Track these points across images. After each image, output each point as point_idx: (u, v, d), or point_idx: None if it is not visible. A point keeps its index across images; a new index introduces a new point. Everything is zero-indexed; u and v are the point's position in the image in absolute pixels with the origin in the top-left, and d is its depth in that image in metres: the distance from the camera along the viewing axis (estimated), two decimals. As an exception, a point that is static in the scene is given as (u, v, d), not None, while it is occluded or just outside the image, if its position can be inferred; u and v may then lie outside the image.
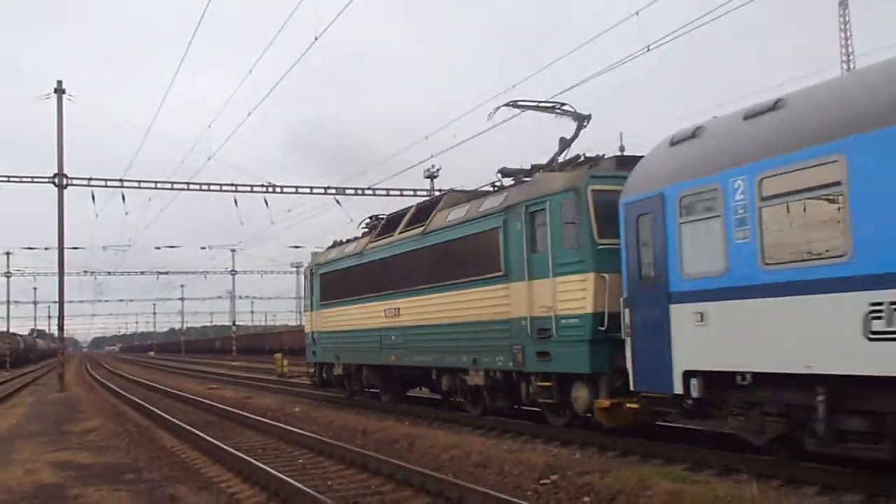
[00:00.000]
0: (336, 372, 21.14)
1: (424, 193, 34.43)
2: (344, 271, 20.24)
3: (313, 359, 22.80)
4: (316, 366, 22.77)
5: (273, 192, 33.33)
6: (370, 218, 20.71)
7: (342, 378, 20.95)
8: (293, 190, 33.80)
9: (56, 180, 31.15)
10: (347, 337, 19.94)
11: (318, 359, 22.40)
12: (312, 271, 22.74)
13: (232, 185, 32.93)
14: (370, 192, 34.15)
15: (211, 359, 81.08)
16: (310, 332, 22.91)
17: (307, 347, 23.43)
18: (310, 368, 23.79)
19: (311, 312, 22.73)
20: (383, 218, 19.49)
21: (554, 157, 13.97)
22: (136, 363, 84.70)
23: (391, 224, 18.20)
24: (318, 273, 22.19)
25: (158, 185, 33.05)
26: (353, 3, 19.40)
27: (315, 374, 22.96)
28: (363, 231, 20.62)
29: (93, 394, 30.74)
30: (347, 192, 34.23)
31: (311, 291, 22.67)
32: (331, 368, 21.55)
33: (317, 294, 22.19)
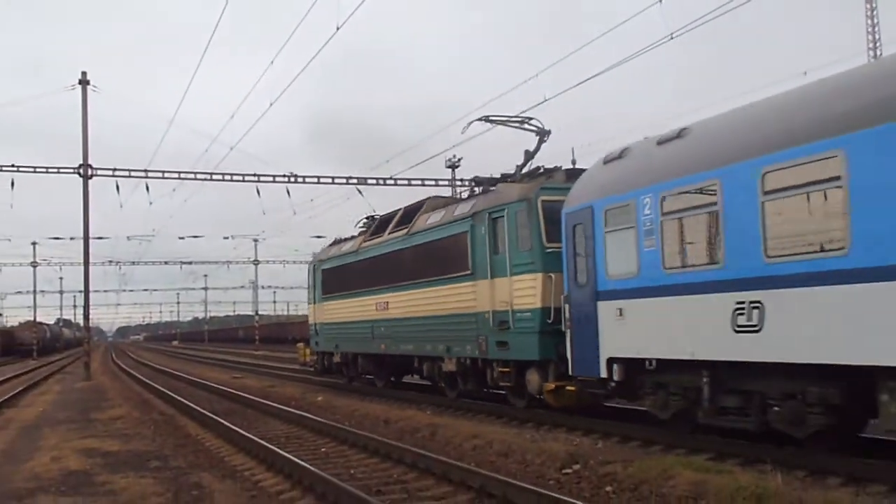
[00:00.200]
0: (335, 360, 23.03)
1: (446, 183, 34.65)
2: (342, 268, 22.07)
3: (316, 348, 24.73)
4: (318, 354, 24.69)
5: (295, 182, 33.08)
6: (366, 218, 22.50)
7: (341, 365, 22.82)
8: (315, 180, 33.60)
9: (81, 171, 31.23)
10: (345, 328, 21.78)
11: (319, 348, 24.31)
12: (315, 267, 24.61)
13: (254, 175, 32.93)
14: (392, 181, 33.96)
15: (234, 348, 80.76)
16: (313, 323, 24.84)
17: (311, 338, 25.36)
18: (313, 356, 25.72)
19: (314, 305, 24.63)
20: (377, 218, 21.27)
21: (519, 168, 15.65)
22: (161, 352, 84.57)
23: (382, 225, 19.98)
24: (319, 269, 24.05)
25: (182, 176, 32.93)
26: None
27: (317, 361, 24.89)
28: (360, 230, 22.41)
29: (118, 382, 30.93)
30: (369, 181, 33.92)
31: (314, 286, 24.57)
32: (331, 357, 23.43)
33: (318, 288, 24.06)
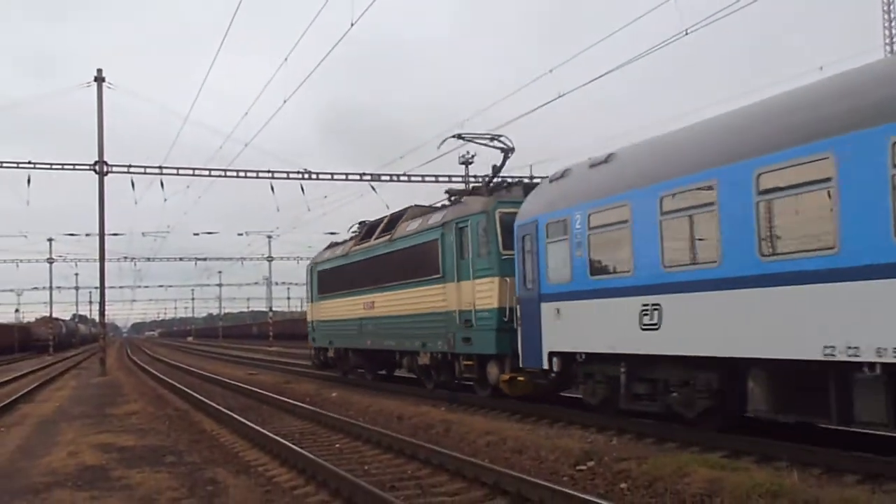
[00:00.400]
0: (330, 354, 24.82)
1: (459, 180, 34.68)
2: (335, 269, 23.82)
3: (313, 343, 26.53)
4: (315, 350, 26.48)
5: (309, 179, 33.06)
6: (358, 223, 24.22)
7: (335, 360, 24.60)
8: (329, 176, 33.54)
9: (97, 167, 31.43)
10: (337, 325, 23.54)
11: (316, 344, 26.12)
12: (312, 268, 26.40)
13: (268, 171, 32.87)
14: (405, 178, 33.69)
15: (248, 344, 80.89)
16: (310, 320, 26.65)
17: (309, 334, 27.15)
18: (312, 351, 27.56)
19: (311, 304, 26.45)
20: (367, 224, 22.99)
21: (488, 182, 17.34)
22: (175, 348, 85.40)
23: (370, 230, 21.70)
24: (315, 270, 25.84)
25: (196, 173, 32.85)
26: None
27: (315, 356, 26.68)
28: (352, 234, 24.14)
29: (133, 378, 31.16)
30: (383, 178, 33.78)
31: (311, 285, 26.35)
32: (326, 352, 25.22)
33: (315, 288, 25.85)
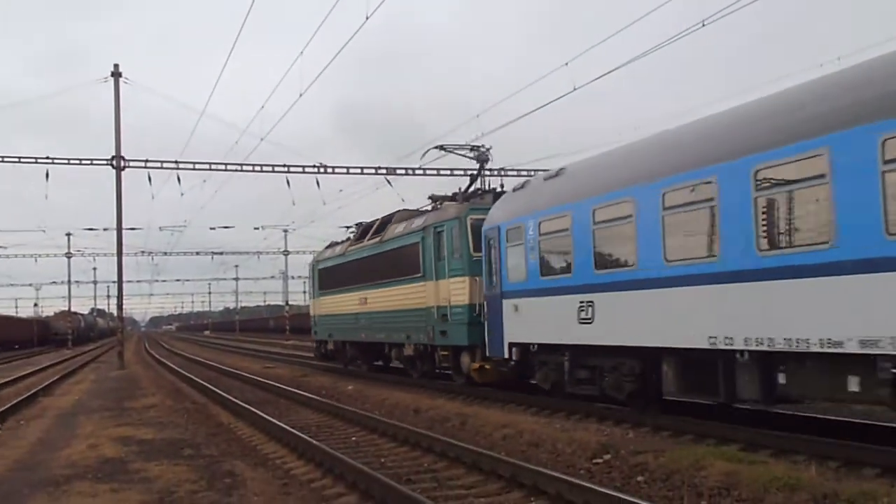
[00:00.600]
0: (330, 347, 26.64)
1: (475, 173, 35.76)
2: (334, 267, 25.59)
3: (315, 337, 28.38)
4: (317, 342, 28.32)
5: (324, 173, 33.08)
6: (356, 225, 25.98)
7: (334, 352, 26.40)
8: (344, 170, 33.54)
9: (114, 162, 31.63)
10: (336, 319, 25.32)
11: (318, 337, 27.95)
12: (314, 266, 28.21)
13: (284, 165, 33.01)
14: (420, 171, 33.09)
15: (265, 338, 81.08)
16: (312, 315, 28.49)
17: (311, 328, 28.97)
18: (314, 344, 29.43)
19: (313, 300, 28.27)
20: (363, 225, 24.74)
21: (466, 188, 19.02)
22: (193, 342, 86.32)
23: (364, 232, 23.44)
24: (317, 268, 27.66)
25: (213, 167, 32.98)
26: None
27: (317, 348, 28.53)
28: (350, 235, 25.91)
29: (151, 371, 31.53)
30: (398, 171, 33.59)
31: (313, 282, 28.17)
32: (326, 344, 27.03)
33: (316, 285, 27.65)
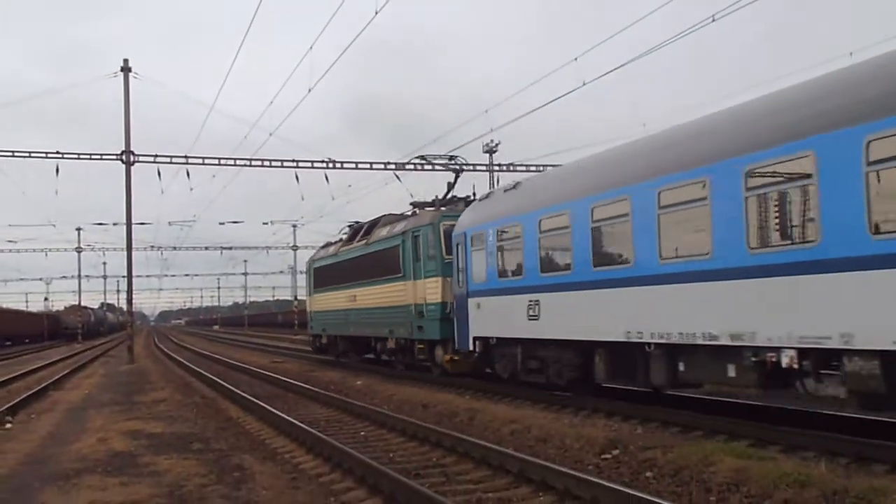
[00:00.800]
0: (323, 341, 28.47)
1: (483, 168, 35.38)
2: (327, 267, 27.38)
3: (311, 331, 30.24)
4: (313, 336, 30.17)
5: (333, 168, 33.18)
6: (348, 226, 27.75)
7: (327, 345, 28.21)
8: (353, 165, 33.68)
9: (123, 157, 31.73)
10: (329, 315, 27.13)
11: (313, 331, 29.82)
12: (310, 265, 30.06)
13: (293, 160, 33.00)
14: (429, 167, 32.45)
15: (273, 332, 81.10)
16: (309, 311, 30.33)
17: (308, 323, 30.83)
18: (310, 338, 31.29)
19: (310, 297, 30.11)
20: (354, 227, 26.52)
21: (444, 196, 20.76)
22: (202, 336, 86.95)
23: (354, 234, 25.21)
24: (312, 267, 29.51)
25: (222, 162, 33.00)
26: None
27: (312, 342, 30.39)
28: (343, 235, 27.68)
29: (161, 366, 31.65)
30: (407, 167, 33.40)
31: (309, 280, 30.00)
32: (321, 338, 28.86)
33: (312, 283, 29.48)
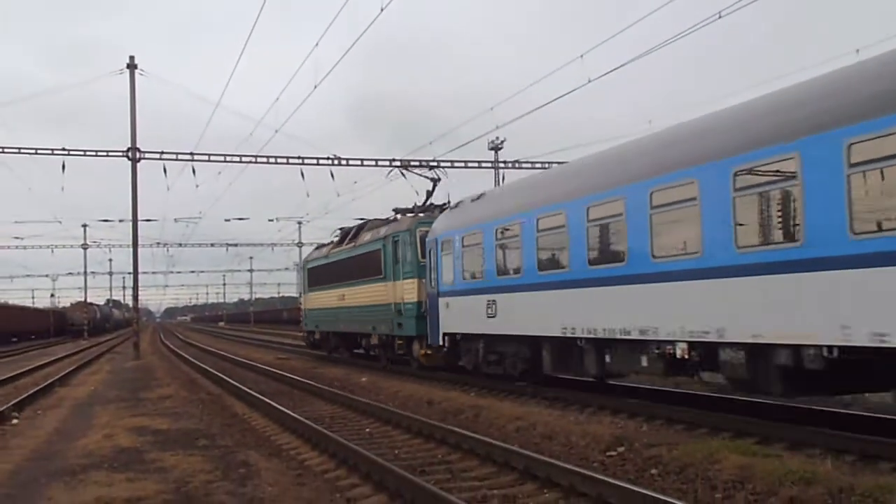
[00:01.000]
0: (316, 336, 30.24)
1: (489, 166, 35.77)
2: (319, 267, 29.14)
3: (305, 328, 32.03)
4: (307, 332, 31.98)
5: (339, 165, 33.23)
6: (339, 229, 29.50)
7: (320, 341, 29.99)
8: (358, 162, 33.65)
9: (129, 154, 32.06)
10: (321, 313, 28.88)
11: (307, 328, 31.60)
12: (304, 266, 31.86)
13: (299, 157, 33.06)
14: (434, 164, 33.28)
15: (279, 329, 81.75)
16: (303, 308, 32.12)
17: (302, 320, 32.62)
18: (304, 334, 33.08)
19: (304, 295, 31.90)
20: (343, 231, 28.26)
21: (424, 203, 22.46)
22: (207, 333, 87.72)
23: (344, 237, 26.94)
24: (306, 267, 31.30)
25: (228, 159, 33.04)
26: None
27: (306, 338, 32.20)
28: (334, 238, 29.42)
29: (166, 362, 32.00)
30: (412, 164, 34.00)
31: (304, 280, 31.79)
32: (314, 334, 30.64)
33: (306, 282, 31.25)
